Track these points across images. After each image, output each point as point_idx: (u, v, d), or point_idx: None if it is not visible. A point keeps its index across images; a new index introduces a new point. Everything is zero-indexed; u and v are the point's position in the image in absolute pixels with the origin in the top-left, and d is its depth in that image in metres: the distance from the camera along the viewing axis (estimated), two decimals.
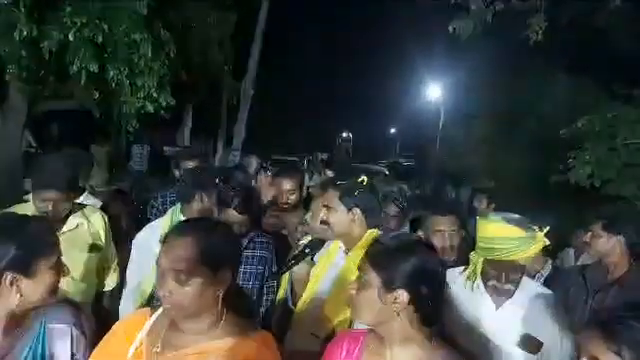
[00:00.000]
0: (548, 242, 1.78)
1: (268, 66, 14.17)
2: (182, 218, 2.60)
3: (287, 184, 3.07)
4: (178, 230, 1.34)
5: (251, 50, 12.82)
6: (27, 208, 2.29)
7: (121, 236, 2.89)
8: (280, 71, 18.02)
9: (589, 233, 2.33)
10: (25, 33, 5.42)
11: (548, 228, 1.79)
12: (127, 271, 2.57)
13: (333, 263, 2.08)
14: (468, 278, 1.91)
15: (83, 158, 3.65)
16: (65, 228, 2.38)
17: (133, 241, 2.60)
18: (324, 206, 2.04)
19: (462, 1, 6.02)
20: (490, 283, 1.86)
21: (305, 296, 2.07)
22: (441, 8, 6.58)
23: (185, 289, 1.24)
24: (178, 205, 2.71)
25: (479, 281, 1.89)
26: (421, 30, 18.15)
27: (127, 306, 2.51)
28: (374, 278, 1.31)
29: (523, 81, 10.71)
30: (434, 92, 19.99)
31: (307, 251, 2.06)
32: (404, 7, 20.58)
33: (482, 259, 1.86)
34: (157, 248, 2.39)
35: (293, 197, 3.09)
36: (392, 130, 40.26)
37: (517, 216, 1.81)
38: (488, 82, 11.96)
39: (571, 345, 1.80)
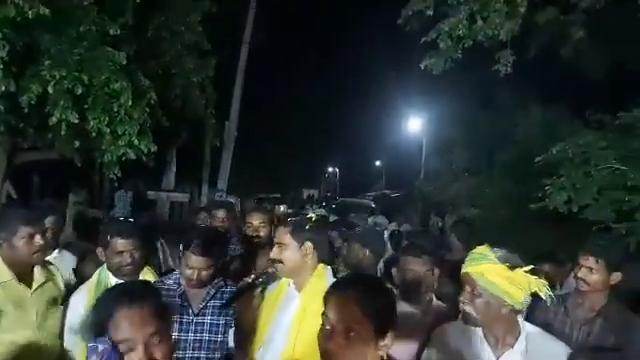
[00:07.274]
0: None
1: (251, 106, 14.33)
2: (110, 276, 2.45)
3: (258, 218, 3.22)
4: None
5: (233, 92, 13.01)
6: None
7: None
8: (263, 111, 18.21)
9: (582, 268, 2.29)
10: (3, 88, 5.46)
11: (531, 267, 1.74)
12: (66, 341, 2.38)
13: (282, 303, 2.10)
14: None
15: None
16: (35, 284, 2.36)
17: (67, 305, 2.43)
18: (276, 244, 2.10)
19: (432, 40, 6.26)
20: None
21: (257, 340, 2.07)
22: (416, 46, 6.81)
23: None
24: (104, 265, 2.52)
25: (479, 329, 1.80)
26: (400, 67, 18.71)
27: None
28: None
29: (498, 112, 11.00)
30: (415, 124, 20.41)
31: (257, 282, 2.13)
32: (382, 45, 21.31)
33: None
34: (84, 311, 2.34)
35: (263, 232, 3.20)
36: (377, 163, 40.66)
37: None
38: (465, 114, 12.24)
39: None
